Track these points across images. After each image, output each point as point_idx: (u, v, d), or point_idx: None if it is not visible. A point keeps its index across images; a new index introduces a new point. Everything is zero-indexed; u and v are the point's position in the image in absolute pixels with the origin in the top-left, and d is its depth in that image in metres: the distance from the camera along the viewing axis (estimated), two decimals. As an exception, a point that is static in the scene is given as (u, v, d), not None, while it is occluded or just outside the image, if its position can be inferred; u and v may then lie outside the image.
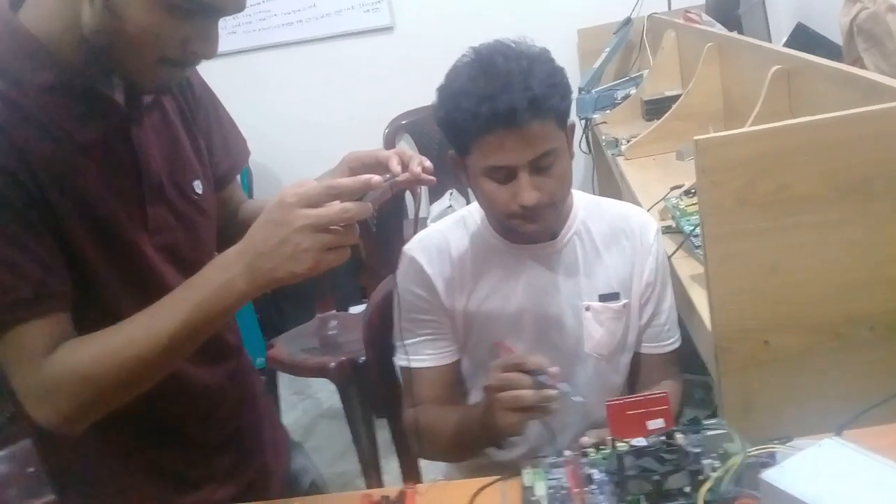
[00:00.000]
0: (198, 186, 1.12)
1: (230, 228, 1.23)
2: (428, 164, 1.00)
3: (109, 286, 1.00)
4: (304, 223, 0.87)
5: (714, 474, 0.87)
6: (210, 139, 1.18)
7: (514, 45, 1.23)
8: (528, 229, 1.29)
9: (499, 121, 1.16)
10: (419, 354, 1.37)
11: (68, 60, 0.94)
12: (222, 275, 0.92)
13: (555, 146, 1.21)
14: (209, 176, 1.16)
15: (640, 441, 0.95)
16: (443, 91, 1.23)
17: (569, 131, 1.28)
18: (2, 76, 0.92)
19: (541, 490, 0.97)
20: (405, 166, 1.00)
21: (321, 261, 0.88)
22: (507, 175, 1.22)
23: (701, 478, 0.90)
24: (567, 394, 1.12)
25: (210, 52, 0.95)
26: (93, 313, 0.97)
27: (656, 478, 0.89)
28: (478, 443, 1.28)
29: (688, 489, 0.89)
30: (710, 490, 0.86)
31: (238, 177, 1.28)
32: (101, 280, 0.99)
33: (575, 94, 3.01)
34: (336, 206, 0.88)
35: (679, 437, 0.97)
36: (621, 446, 1.00)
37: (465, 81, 1.19)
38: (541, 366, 1.11)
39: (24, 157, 0.91)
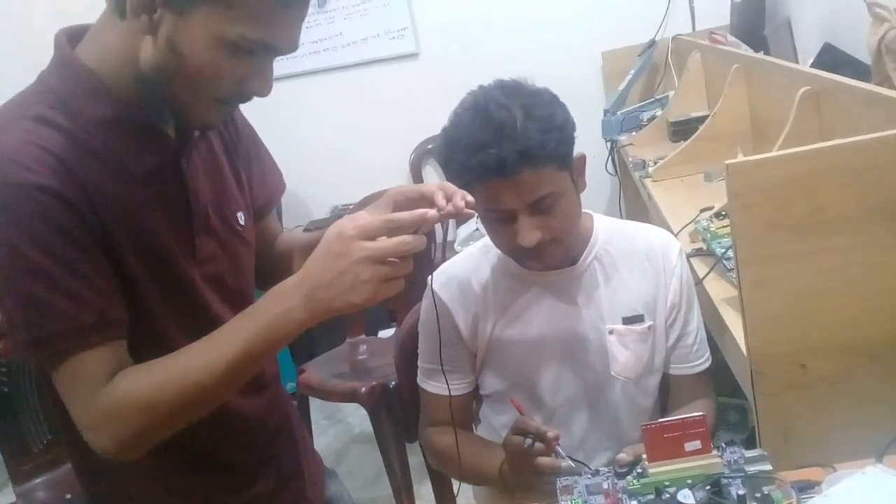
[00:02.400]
0: (241, 218, 1.15)
1: (267, 260, 1.26)
2: (470, 198, 1.02)
3: (160, 315, 1.03)
4: (364, 255, 0.90)
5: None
6: (250, 172, 1.21)
7: (512, 87, 1.24)
8: (534, 266, 1.32)
9: (490, 172, 1.18)
10: (435, 381, 1.40)
11: (125, 95, 0.98)
12: (281, 305, 0.94)
13: (553, 189, 1.22)
14: (249, 208, 1.19)
15: (686, 496, 0.94)
16: (444, 134, 1.26)
17: (577, 163, 1.29)
18: (62, 110, 0.95)
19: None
20: (449, 200, 1.02)
21: (378, 291, 0.91)
22: (507, 216, 1.24)
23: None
24: (560, 457, 1.17)
25: (265, 91, 0.99)
26: (143, 341, 1.00)
27: None
28: (492, 482, 1.33)
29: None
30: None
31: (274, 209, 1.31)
32: (152, 309, 1.02)
33: (600, 116, 3.03)
34: (395, 240, 0.91)
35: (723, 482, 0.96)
36: (659, 474, 1.00)
37: (460, 129, 1.22)
38: (537, 432, 1.17)
39: (84, 189, 0.94)
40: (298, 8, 0.95)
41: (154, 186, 1.02)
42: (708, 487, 0.95)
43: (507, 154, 1.16)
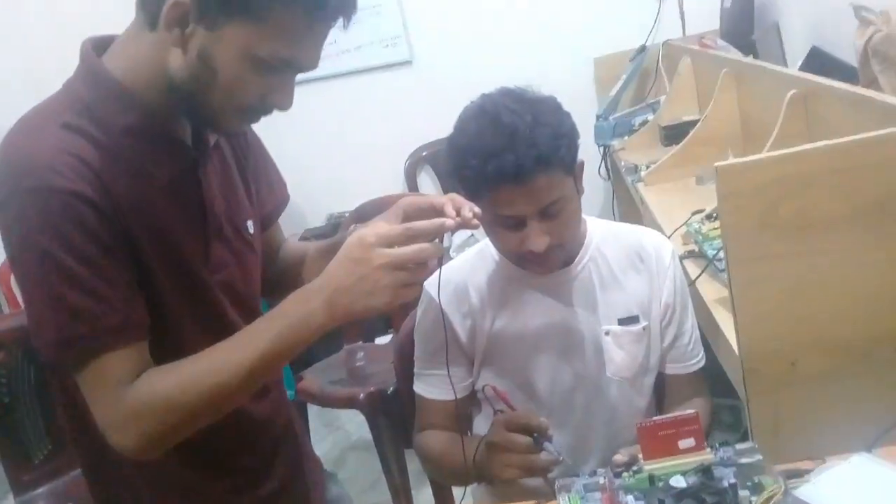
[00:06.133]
0: (250, 226, 1.18)
1: (271, 268, 1.29)
2: (477, 210, 1.06)
3: (179, 319, 1.06)
4: (384, 261, 0.94)
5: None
6: (258, 182, 1.24)
7: (519, 94, 1.26)
8: (539, 270, 1.33)
9: (506, 178, 1.19)
10: (432, 387, 1.41)
11: (148, 104, 1.01)
12: (302, 308, 0.98)
13: (562, 194, 1.25)
14: (257, 217, 1.21)
15: (678, 481, 0.96)
16: (451, 144, 1.27)
17: (577, 170, 1.31)
18: (89, 118, 0.98)
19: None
20: (457, 212, 1.05)
21: (397, 296, 0.95)
22: (516, 223, 1.25)
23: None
24: (556, 456, 1.18)
25: (286, 105, 1.02)
26: (163, 345, 1.02)
27: None
28: (473, 477, 1.33)
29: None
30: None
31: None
32: (172, 312, 1.05)
33: (593, 122, 3.05)
34: (414, 247, 0.96)
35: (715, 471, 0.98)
36: (654, 469, 1.02)
37: (472, 137, 1.22)
38: (540, 428, 1.18)
39: (112, 195, 0.97)
40: (323, 28, 0.99)
41: (173, 194, 1.05)
42: (699, 474, 0.97)
43: (524, 159, 1.18)
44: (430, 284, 1.41)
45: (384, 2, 3.58)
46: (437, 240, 1.03)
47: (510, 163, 1.18)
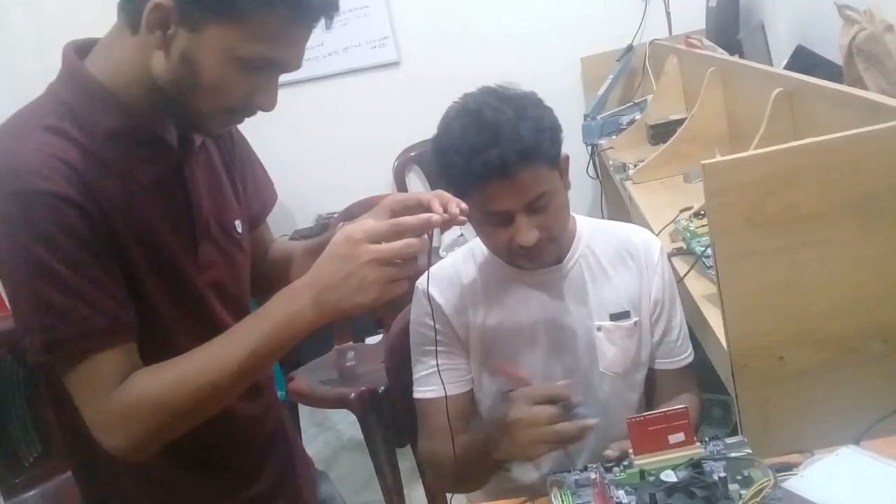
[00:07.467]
0: (238, 226, 1.18)
1: (261, 268, 1.29)
2: (464, 205, 1.06)
3: (168, 319, 1.06)
4: (371, 257, 0.94)
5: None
6: (245, 182, 1.24)
7: (500, 92, 1.27)
8: (530, 265, 1.34)
9: (492, 173, 1.20)
10: (432, 385, 1.39)
11: (133, 106, 1.01)
12: (290, 306, 0.97)
13: (548, 188, 1.26)
14: (245, 216, 1.21)
15: (669, 475, 0.97)
16: (436, 144, 1.27)
17: (563, 164, 1.32)
18: (72, 121, 0.98)
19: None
20: (444, 208, 1.05)
21: (385, 292, 0.95)
22: (505, 218, 1.26)
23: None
24: (584, 418, 1.17)
25: (269, 105, 1.02)
26: (152, 345, 1.02)
27: None
28: (484, 469, 1.31)
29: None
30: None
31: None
32: (160, 313, 1.05)
33: (581, 121, 3.07)
34: (401, 242, 0.96)
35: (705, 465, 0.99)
36: (645, 464, 1.03)
37: (456, 136, 1.23)
38: (568, 396, 1.17)
39: (96, 197, 0.97)
40: (305, 28, 0.99)
41: (159, 194, 1.05)
42: (690, 468, 0.98)
43: (508, 154, 1.19)
44: (421, 282, 1.42)
45: (371, 3, 3.59)
46: (424, 236, 1.03)
47: (495, 158, 1.19)
